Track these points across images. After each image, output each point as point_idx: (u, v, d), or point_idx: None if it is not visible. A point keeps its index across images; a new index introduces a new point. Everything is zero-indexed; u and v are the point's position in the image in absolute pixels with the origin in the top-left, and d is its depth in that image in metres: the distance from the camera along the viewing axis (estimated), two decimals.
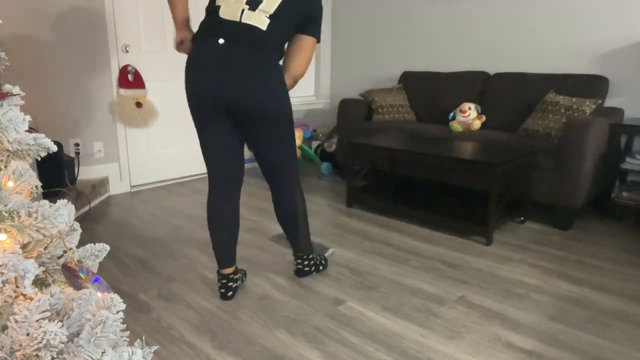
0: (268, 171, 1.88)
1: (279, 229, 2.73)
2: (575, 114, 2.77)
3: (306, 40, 1.77)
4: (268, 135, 1.75)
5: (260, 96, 1.64)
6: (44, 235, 0.91)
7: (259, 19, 1.64)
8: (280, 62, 1.77)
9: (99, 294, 0.92)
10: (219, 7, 1.68)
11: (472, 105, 3.34)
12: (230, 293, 1.91)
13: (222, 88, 1.62)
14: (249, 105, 1.64)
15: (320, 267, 2.15)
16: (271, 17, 1.65)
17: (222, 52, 1.61)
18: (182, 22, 1.77)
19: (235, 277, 1.93)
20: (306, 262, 2.07)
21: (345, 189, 3.60)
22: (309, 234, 2.05)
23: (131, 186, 3.59)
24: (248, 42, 1.62)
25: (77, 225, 1.09)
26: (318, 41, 1.80)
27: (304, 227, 2.00)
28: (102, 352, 0.82)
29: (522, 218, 2.83)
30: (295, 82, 1.82)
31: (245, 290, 2.00)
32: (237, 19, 1.63)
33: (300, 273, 2.11)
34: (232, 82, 1.61)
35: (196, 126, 1.77)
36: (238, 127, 1.77)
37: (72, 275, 0.99)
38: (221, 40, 1.61)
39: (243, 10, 1.64)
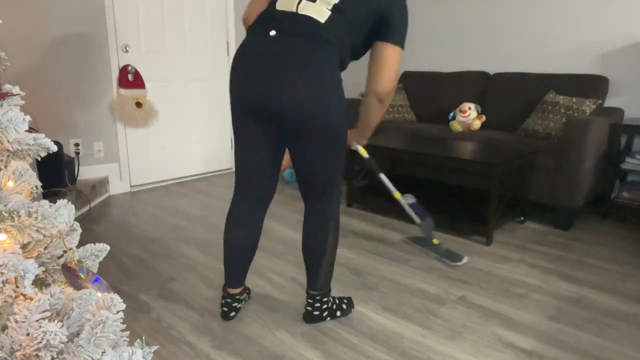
0: (306, 191, 1.61)
1: (280, 229, 2.73)
2: (575, 114, 2.77)
3: (387, 50, 1.47)
4: (313, 148, 1.47)
5: (310, 100, 1.37)
6: (44, 235, 0.91)
7: (318, 10, 1.39)
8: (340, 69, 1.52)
9: (99, 294, 0.92)
10: None
11: (472, 105, 3.34)
12: (232, 313, 1.75)
13: (266, 89, 1.38)
14: (296, 109, 1.38)
15: (338, 313, 1.77)
16: (334, 9, 1.40)
17: (271, 45, 1.38)
18: None
19: (240, 297, 1.77)
20: (318, 305, 1.72)
21: (345, 189, 3.61)
22: (332, 273, 1.73)
23: (131, 186, 3.59)
24: (302, 35, 1.38)
25: (77, 225, 1.09)
26: (402, 48, 1.49)
27: (328, 265, 1.68)
28: (102, 352, 0.82)
29: (522, 218, 2.83)
30: (380, 101, 1.54)
31: None
32: (294, 10, 1.41)
33: (309, 318, 1.73)
34: (278, 82, 1.36)
35: (234, 132, 1.55)
36: (281, 136, 1.52)
37: (72, 275, 0.99)
38: (272, 32, 1.39)
39: (300, 0, 1.42)
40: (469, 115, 3.30)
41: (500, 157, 2.46)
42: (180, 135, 3.81)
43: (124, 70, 3.34)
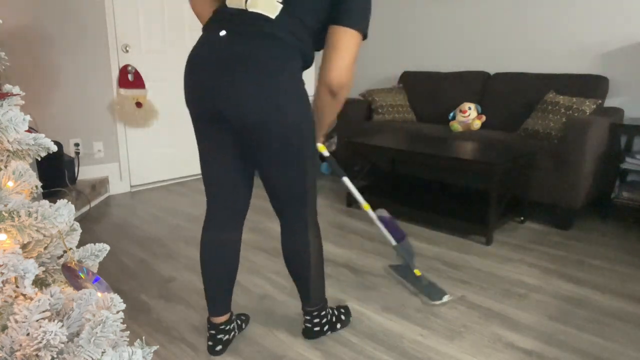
0: (274, 203, 1.49)
1: (280, 229, 2.73)
2: (575, 114, 2.77)
3: (343, 34, 1.28)
4: (273, 158, 1.35)
5: (263, 106, 1.25)
6: (44, 235, 0.91)
7: (268, 5, 1.27)
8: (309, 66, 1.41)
9: (99, 294, 0.92)
10: None
11: (472, 105, 3.34)
12: (219, 347, 1.55)
13: (217, 95, 1.27)
14: (250, 117, 1.27)
15: (338, 325, 1.70)
16: (285, 1, 1.28)
17: (221, 47, 1.26)
18: None
19: (227, 327, 1.57)
20: (317, 320, 1.62)
21: (345, 188, 3.61)
22: (324, 284, 1.62)
23: (131, 186, 3.59)
24: (252, 35, 1.26)
25: (77, 225, 1.09)
26: (363, 35, 1.31)
27: (316, 277, 1.57)
28: (102, 352, 0.82)
29: (522, 218, 2.83)
30: (333, 95, 1.35)
31: (245, 290, 2.00)
32: (243, 6, 1.29)
33: (308, 333, 1.64)
34: (229, 88, 1.25)
35: (197, 144, 1.44)
36: (240, 144, 1.40)
37: (72, 275, 0.99)
38: (222, 33, 1.27)
39: None
40: (469, 115, 3.30)
41: (500, 157, 2.46)
42: (180, 135, 3.81)
43: (124, 70, 3.34)
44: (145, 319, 1.78)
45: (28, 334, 0.80)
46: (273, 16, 1.27)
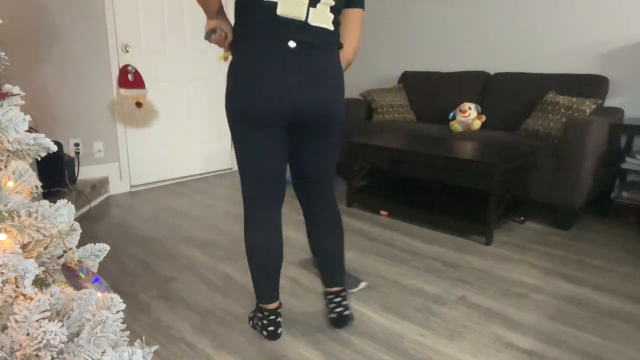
0: (314, 184, 1.61)
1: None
2: (575, 114, 2.77)
3: (354, 15, 1.52)
4: (329, 142, 1.55)
5: (335, 104, 1.46)
6: (44, 235, 0.91)
7: (325, 17, 1.40)
8: None
9: (99, 294, 0.92)
10: (274, 2, 1.33)
11: (472, 105, 3.34)
12: (280, 330, 1.65)
13: (300, 99, 1.39)
14: (328, 113, 1.46)
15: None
16: (333, 9, 1.41)
17: (296, 57, 1.36)
18: (216, 8, 1.43)
19: (280, 309, 1.67)
20: (346, 302, 1.71)
21: (345, 189, 3.61)
22: None
23: (131, 186, 3.59)
24: (321, 48, 1.40)
25: (77, 225, 1.09)
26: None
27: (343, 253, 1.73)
28: (102, 352, 0.82)
29: (522, 218, 2.83)
30: (349, 63, 1.60)
31: (245, 290, 2.00)
32: (303, 19, 1.36)
33: (344, 320, 1.71)
34: (314, 92, 1.40)
35: (244, 138, 1.47)
36: (294, 137, 1.54)
37: (72, 275, 0.99)
38: (292, 44, 1.35)
39: (308, 9, 1.36)
40: (469, 115, 3.30)
41: (500, 157, 2.46)
42: (180, 135, 3.81)
43: (124, 70, 3.34)
44: (145, 319, 1.78)
45: (28, 334, 0.80)
46: (332, 28, 1.43)
